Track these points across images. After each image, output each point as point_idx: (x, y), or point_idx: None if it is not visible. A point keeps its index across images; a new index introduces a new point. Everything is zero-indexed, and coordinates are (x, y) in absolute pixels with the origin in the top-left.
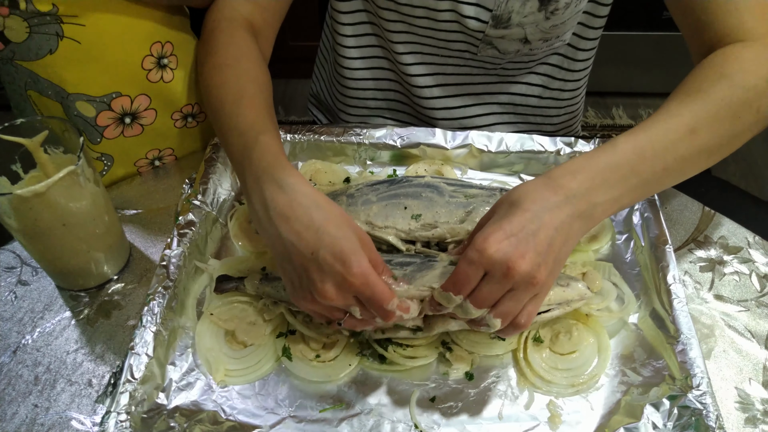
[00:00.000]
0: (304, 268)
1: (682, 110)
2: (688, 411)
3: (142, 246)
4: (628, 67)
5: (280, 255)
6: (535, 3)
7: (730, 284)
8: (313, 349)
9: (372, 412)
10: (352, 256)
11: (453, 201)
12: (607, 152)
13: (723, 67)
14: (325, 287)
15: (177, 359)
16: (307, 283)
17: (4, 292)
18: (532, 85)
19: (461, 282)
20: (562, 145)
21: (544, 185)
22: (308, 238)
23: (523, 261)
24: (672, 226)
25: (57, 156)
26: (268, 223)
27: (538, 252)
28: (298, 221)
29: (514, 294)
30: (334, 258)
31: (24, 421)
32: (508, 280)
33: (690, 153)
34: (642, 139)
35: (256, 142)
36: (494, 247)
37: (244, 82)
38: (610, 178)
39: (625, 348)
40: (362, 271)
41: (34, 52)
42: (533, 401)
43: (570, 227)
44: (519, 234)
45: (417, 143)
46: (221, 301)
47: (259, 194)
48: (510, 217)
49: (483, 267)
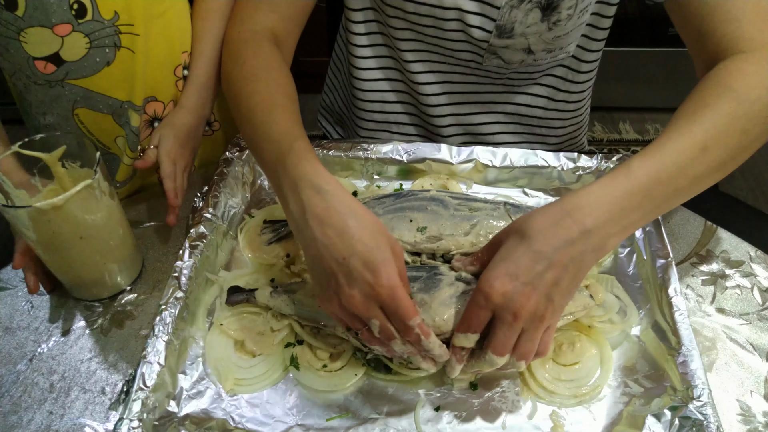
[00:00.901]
0: (334, 272)
1: (693, 128)
2: (689, 422)
3: (155, 258)
4: (634, 82)
5: (313, 257)
6: (538, 14)
7: (732, 298)
8: (320, 359)
9: (378, 420)
10: (382, 267)
11: (458, 214)
12: (622, 179)
13: (727, 80)
14: (352, 293)
15: (188, 368)
16: (335, 287)
17: (21, 302)
18: (538, 96)
19: (471, 323)
20: (565, 160)
21: (557, 222)
22: (341, 244)
23: (529, 304)
24: (674, 240)
25: (74, 170)
26: (304, 226)
27: (544, 293)
28: (332, 227)
29: (527, 334)
30: (364, 266)
31: (39, 427)
32: (518, 323)
33: (702, 172)
34: (656, 163)
35: (291, 149)
36: (500, 291)
37: (275, 92)
38: (626, 207)
39: (627, 360)
40: (391, 283)
41: (91, 67)
42: (536, 411)
43: (581, 261)
44: (525, 277)
45: (423, 158)
46: (231, 312)
47: (296, 199)
48: (517, 257)
49: (490, 310)
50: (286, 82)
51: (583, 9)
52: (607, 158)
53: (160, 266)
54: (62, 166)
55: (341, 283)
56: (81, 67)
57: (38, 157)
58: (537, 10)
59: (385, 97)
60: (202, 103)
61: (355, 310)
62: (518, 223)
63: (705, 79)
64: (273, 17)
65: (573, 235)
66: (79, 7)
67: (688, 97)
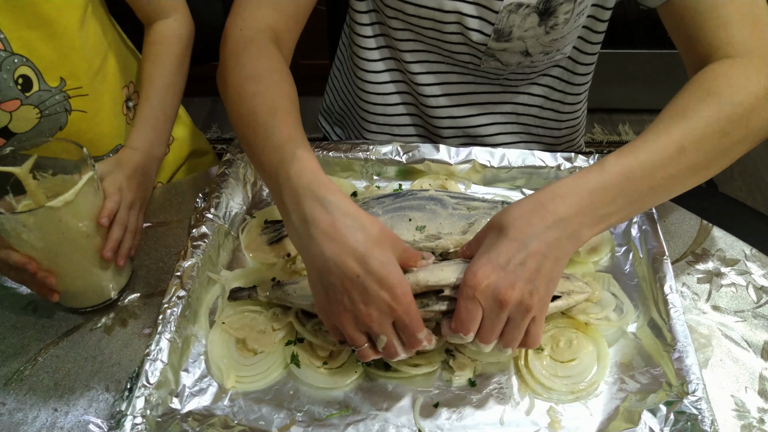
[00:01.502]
0: (347, 289)
1: (671, 129)
2: (684, 416)
3: (157, 258)
4: (633, 84)
5: (319, 271)
6: (535, 18)
7: (727, 295)
8: (320, 357)
9: (377, 417)
10: (397, 285)
11: (456, 213)
12: (596, 174)
13: (711, 84)
14: (369, 310)
15: (190, 366)
16: (349, 304)
17: (26, 301)
18: (534, 96)
19: (466, 320)
20: (562, 160)
21: (532, 211)
22: (353, 262)
23: (513, 292)
24: (670, 239)
25: (46, 180)
26: (309, 241)
27: (527, 280)
28: (342, 243)
29: (513, 323)
30: (380, 285)
31: (45, 424)
32: (504, 312)
33: (678, 171)
34: (630, 160)
35: (294, 157)
36: (484, 282)
37: (277, 95)
38: (598, 201)
39: (623, 356)
40: (407, 300)
41: (44, 135)
42: (534, 407)
43: (558, 249)
44: (507, 266)
45: (422, 159)
46: (233, 311)
47: (298, 211)
48: (498, 248)
49: (478, 301)
50: (288, 86)
51: (580, 12)
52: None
53: (162, 266)
54: (33, 178)
55: (356, 300)
56: (32, 137)
57: (9, 173)
58: (534, 15)
59: (389, 99)
60: (151, 143)
61: (371, 327)
62: (496, 217)
63: (690, 82)
64: (275, 15)
65: (547, 222)
66: (24, 81)
67: (673, 98)
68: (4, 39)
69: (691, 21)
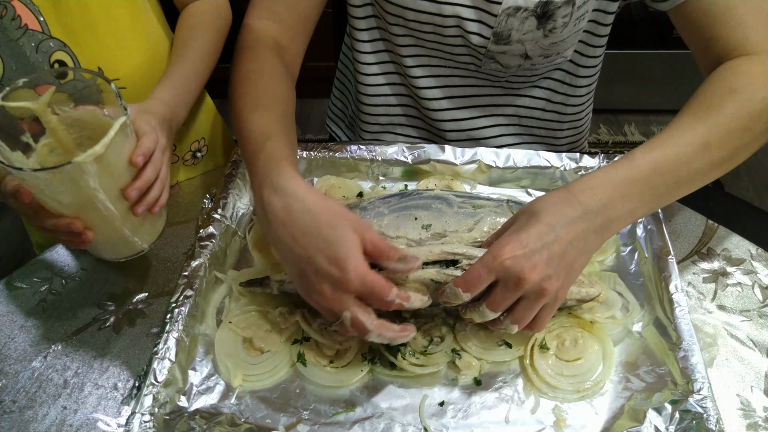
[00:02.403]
0: (303, 270)
1: (696, 125)
2: (689, 415)
3: (165, 258)
4: (639, 84)
5: (282, 256)
6: (533, 21)
7: (733, 295)
8: (326, 356)
9: (383, 415)
10: (346, 259)
11: (461, 211)
12: (625, 167)
13: (732, 81)
14: (322, 289)
15: (197, 364)
16: (307, 284)
17: (36, 300)
18: (536, 98)
19: (472, 281)
20: (567, 160)
21: (563, 200)
22: (303, 244)
23: (534, 272)
24: (676, 238)
25: (67, 114)
26: (268, 227)
27: (549, 264)
28: (293, 226)
29: (527, 302)
30: (329, 262)
31: (54, 421)
32: (519, 289)
33: (702, 166)
34: (658, 155)
35: (263, 148)
36: (508, 255)
37: (262, 94)
38: (626, 193)
39: (629, 355)
40: (358, 272)
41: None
42: (539, 406)
43: (585, 241)
44: (533, 245)
45: (427, 159)
46: (240, 310)
47: (259, 199)
48: (528, 228)
49: (495, 272)
50: (275, 85)
51: (580, 17)
52: (609, 159)
53: (170, 266)
54: (52, 113)
55: (312, 281)
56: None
57: (25, 108)
58: (533, 18)
59: (389, 101)
60: (177, 101)
61: (328, 305)
62: (528, 205)
63: (710, 78)
64: (275, 27)
65: (577, 212)
66: (60, 66)
67: (693, 95)
68: (44, 22)
69: (705, 22)
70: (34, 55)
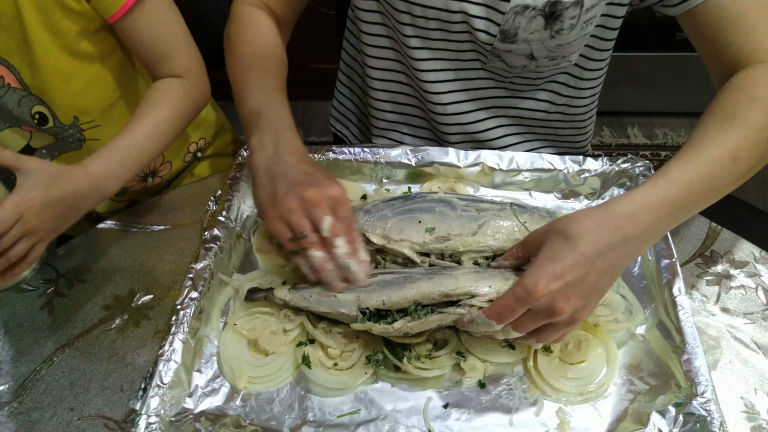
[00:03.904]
0: (299, 181)
1: (724, 137)
2: (693, 418)
3: (170, 260)
4: (643, 87)
5: (274, 176)
6: (541, 21)
7: (737, 297)
8: (331, 358)
9: (387, 417)
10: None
11: (465, 215)
12: (663, 188)
13: (753, 89)
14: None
15: (203, 366)
16: (297, 190)
17: (42, 303)
18: (540, 101)
19: (504, 315)
20: (570, 163)
21: (601, 225)
22: (309, 167)
23: (568, 305)
24: (679, 241)
25: None
26: (274, 153)
27: (583, 295)
28: (305, 163)
29: (555, 327)
30: (326, 178)
31: (60, 423)
32: (550, 319)
33: (730, 180)
34: (692, 172)
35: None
36: (543, 290)
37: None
38: (664, 216)
39: (632, 358)
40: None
41: (61, 149)
42: (543, 408)
43: (619, 266)
44: (569, 278)
45: (431, 162)
46: (244, 312)
47: (273, 138)
48: (563, 257)
49: (529, 305)
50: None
51: (588, 21)
52: (612, 161)
53: (175, 268)
54: None
55: (304, 184)
56: (52, 149)
57: None
58: (540, 18)
59: (397, 98)
60: (108, 177)
61: (314, 204)
62: (561, 223)
63: (729, 87)
64: None
65: (616, 240)
66: (40, 116)
67: (713, 103)
68: (23, 81)
69: (717, 28)
70: (17, 108)
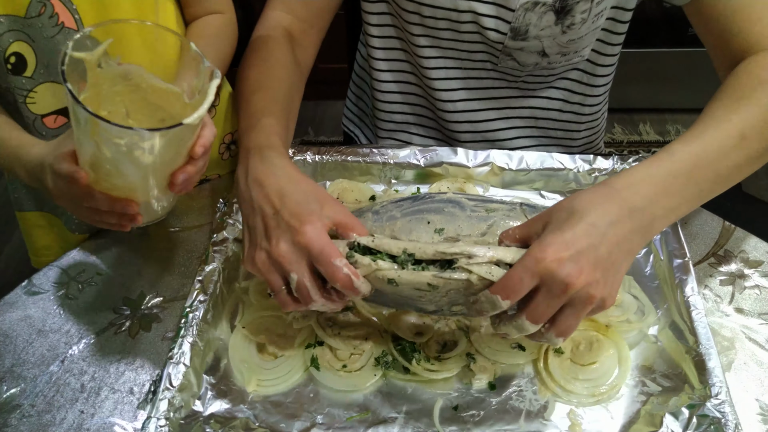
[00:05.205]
0: (266, 225)
1: (731, 116)
2: (707, 420)
3: (180, 263)
4: (654, 83)
5: (247, 216)
6: (552, 17)
7: (751, 298)
8: (340, 360)
9: (397, 420)
10: (307, 217)
11: (474, 215)
12: (666, 161)
13: (761, 73)
14: (279, 243)
15: (212, 369)
16: (264, 239)
17: (53, 306)
18: (553, 99)
19: (512, 287)
20: (581, 162)
21: (606, 197)
22: (274, 201)
23: (581, 276)
24: (692, 240)
25: (110, 69)
26: (245, 188)
27: (597, 267)
28: (269, 187)
29: (572, 310)
30: (291, 216)
31: (71, 426)
32: (565, 295)
33: (740, 160)
34: (697, 147)
35: (258, 123)
36: (553, 257)
37: (264, 78)
38: (669, 189)
39: (645, 359)
40: (316, 230)
41: None
42: (554, 410)
43: (631, 242)
44: (580, 246)
45: (440, 162)
46: (253, 315)
47: (244, 164)
48: (572, 226)
49: (539, 276)
50: (280, 70)
51: (598, 14)
52: (623, 159)
53: (184, 270)
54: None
55: (270, 235)
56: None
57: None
58: (551, 13)
59: (403, 99)
60: None
61: (280, 260)
62: (565, 201)
63: (737, 72)
64: (288, 18)
65: (624, 212)
66: None
67: (721, 88)
68: (79, 20)
69: (724, 18)
70: None
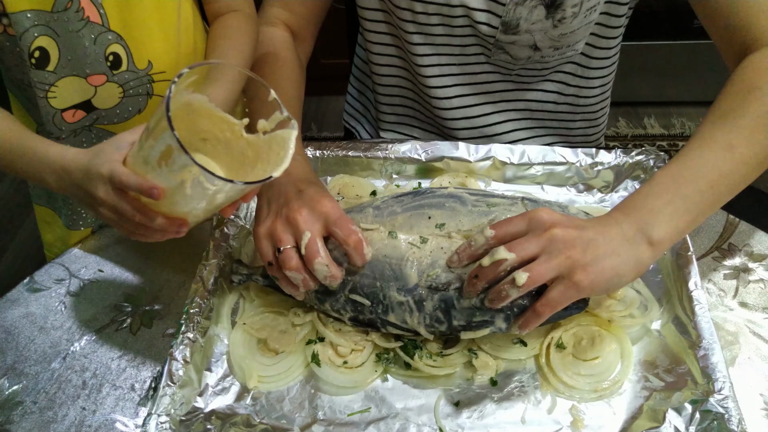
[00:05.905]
0: (287, 199)
1: (714, 132)
2: (710, 415)
3: (181, 259)
4: (659, 76)
5: (269, 196)
6: (542, 11)
7: (755, 292)
8: (341, 356)
9: (398, 416)
10: (330, 197)
11: (475, 210)
12: (645, 186)
13: (753, 79)
14: (300, 209)
15: (213, 365)
16: (284, 205)
17: (55, 303)
18: (548, 92)
19: (502, 223)
20: (583, 156)
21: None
22: (299, 184)
23: (565, 229)
24: (696, 234)
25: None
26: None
27: (582, 237)
28: (298, 180)
29: (547, 257)
30: (314, 193)
31: (73, 422)
32: (544, 238)
33: (733, 166)
34: (675, 167)
35: None
36: (546, 213)
37: (276, 78)
38: (654, 207)
39: (647, 354)
40: (333, 204)
41: (122, 115)
42: (556, 406)
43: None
44: (570, 221)
45: (441, 157)
46: (254, 311)
47: None
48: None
49: (528, 219)
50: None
51: (590, 8)
52: (626, 153)
53: (185, 267)
54: None
55: (292, 205)
56: (112, 114)
57: None
58: (541, 8)
59: (401, 93)
60: None
61: (298, 219)
62: None
63: (731, 80)
64: (286, 14)
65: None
66: (114, 58)
67: (715, 101)
68: (104, 14)
69: (728, 10)
70: (92, 46)
